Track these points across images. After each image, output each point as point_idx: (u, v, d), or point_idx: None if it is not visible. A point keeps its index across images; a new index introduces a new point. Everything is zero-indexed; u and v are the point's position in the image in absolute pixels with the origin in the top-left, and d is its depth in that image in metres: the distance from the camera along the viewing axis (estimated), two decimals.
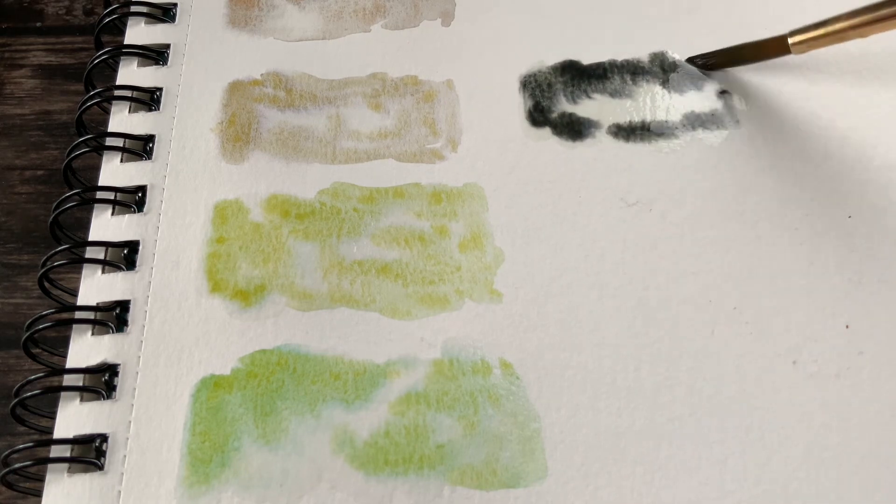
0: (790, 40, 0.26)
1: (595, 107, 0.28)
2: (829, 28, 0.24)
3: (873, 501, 0.22)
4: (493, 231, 0.26)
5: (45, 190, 0.32)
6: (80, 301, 0.25)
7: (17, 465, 0.23)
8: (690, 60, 0.29)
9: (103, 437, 0.23)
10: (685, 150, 0.27)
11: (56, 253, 0.25)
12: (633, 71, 0.29)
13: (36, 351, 0.25)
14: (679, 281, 0.25)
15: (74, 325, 0.25)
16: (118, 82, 0.29)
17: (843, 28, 0.24)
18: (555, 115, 0.28)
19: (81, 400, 0.24)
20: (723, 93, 0.28)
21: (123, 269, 0.25)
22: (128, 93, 0.29)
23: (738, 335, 0.24)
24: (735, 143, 0.27)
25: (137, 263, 0.26)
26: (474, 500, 0.22)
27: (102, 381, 0.24)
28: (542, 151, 0.27)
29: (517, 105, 0.28)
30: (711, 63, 0.28)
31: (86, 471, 0.23)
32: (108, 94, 0.28)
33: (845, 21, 0.24)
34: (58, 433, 0.23)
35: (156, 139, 0.28)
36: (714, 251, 0.26)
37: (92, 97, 0.28)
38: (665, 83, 0.29)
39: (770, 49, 0.27)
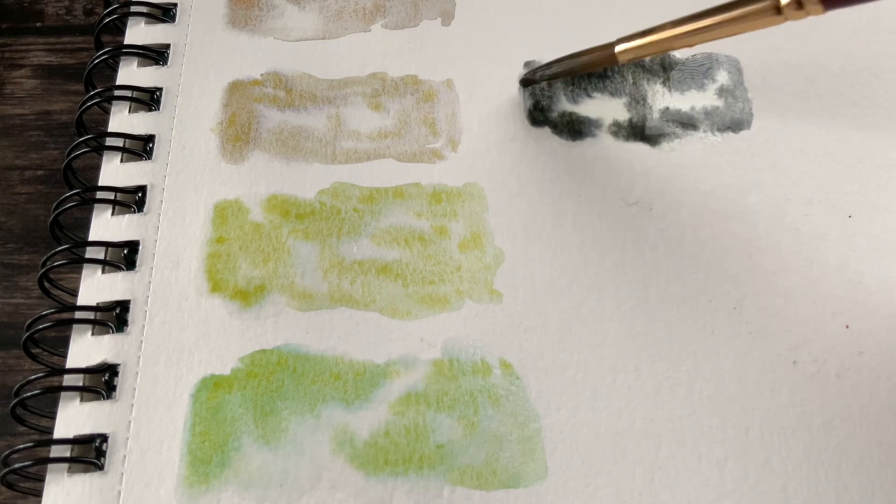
0: (617, 49, 0.25)
1: (595, 106, 0.28)
2: (655, 37, 0.24)
3: (873, 501, 0.22)
4: (493, 231, 0.26)
5: (45, 190, 0.32)
6: (80, 301, 0.25)
7: (17, 465, 0.23)
8: (524, 82, 0.28)
9: (103, 437, 0.23)
10: (685, 149, 0.27)
11: (56, 253, 0.25)
12: (633, 69, 0.29)
13: (36, 351, 0.25)
14: (679, 281, 0.25)
15: (74, 325, 0.25)
16: (118, 82, 0.29)
17: (668, 37, 0.23)
18: (555, 114, 0.28)
19: (81, 400, 0.24)
20: (723, 92, 0.28)
21: (123, 269, 0.26)
22: (128, 93, 0.29)
23: (738, 335, 0.24)
24: (735, 143, 0.27)
25: (137, 263, 0.26)
26: (474, 500, 0.22)
27: (102, 381, 0.24)
28: (542, 151, 0.27)
29: (517, 105, 0.28)
30: (543, 76, 0.28)
31: (86, 471, 0.23)
32: (108, 94, 0.28)
33: (670, 30, 0.23)
34: (58, 433, 0.23)
35: (156, 139, 0.28)
36: (714, 251, 0.26)
37: (92, 97, 0.28)
38: (666, 81, 0.29)
39: (598, 60, 0.26)
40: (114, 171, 0.27)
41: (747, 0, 0.21)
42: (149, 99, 0.29)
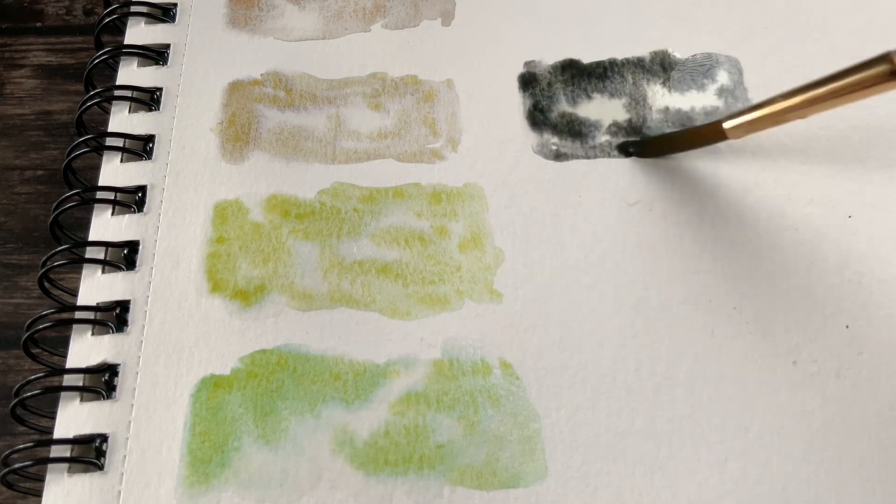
0: (725, 125, 0.24)
1: (595, 106, 0.28)
2: (766, 111, 0.23)
3: (873, 501, 0.22)
4: (493, 231, 0.26)
5: (45, 190, 0.32)
6: (80, 301, 0.25)
7: (17, 465, 0.23)
8: (621, 148, 0.27)
9: (103, 437, 0.23)
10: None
11: (56, 253, 0.25)
12: (633, 70, 0.29)
13: (36, 351, 0.25)
14: (679, 281, 0.25)
15: (74, 325, 0.25)
16: (118, 82, 0.29)
17: (781, 110, 0.22)
18: (554, 114, 0.28)
19: (81, 400, 0.24)
20: (723, 92, 0.28)
21: (123, 269, 0.26)
22: (128, 93, 0.29)
23: (738, 335, 0.24)
24: (735, 143, 0.27)
25: (137, 263, 0.26)
26: (474, 500, 0.22)
27: (102, 381, 0.24)
28: (541, 151, 0.27)
29: (517, 105, 0.28)
30: (642, 151, 0.27)
31: (86, 471, 0.23)
32: (108, 94, 0.28)
33: (781, 102, 0.22)
34: (58, 433, 0.23)
35: (156, 139, 0.28)
36: (714, 251, 0.25)
37: (92, 97, 0.28)
38: (666, 82, 0.29)
39: (706, 135, 0.25)
40: (114, 171, 0.27)
41: (860, 67, 0.20)
42: (149, 99, 0.29)
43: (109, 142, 0.28)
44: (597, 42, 0.30)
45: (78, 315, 0.25)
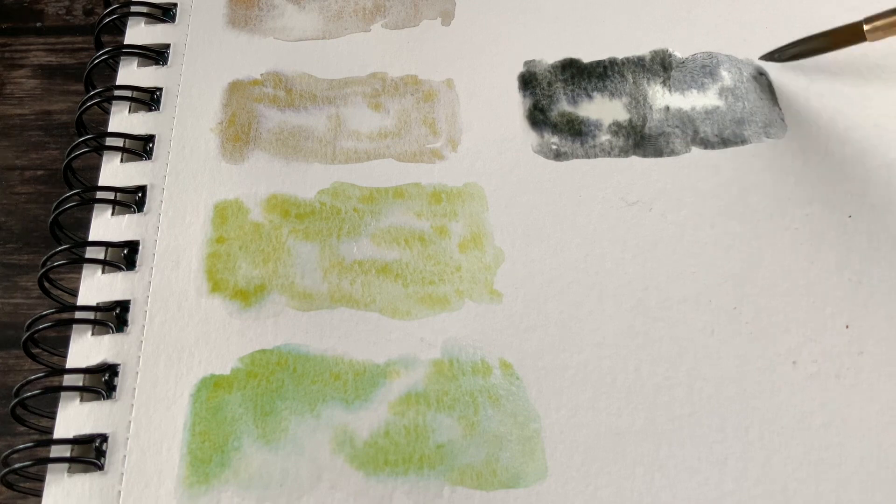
0: (865, 27, 0.25)
1: (595, 106, 0.28)
2: None
3: (873, 501, 0.22)
4: (493, 231, 0.26)
5: (45, 190, 0.32)
6: (80, 301, 0.25)
7: (17, 465, 0.23)
8: (767, 57, 0.29)
9: (103, 437, 0.23)
10: (685, 149, 0.27)
11: (56, 253, 0.25)
12: (633, 69, 0.29)
13: (36, 351, 0.25)
14: (679, 281, 0.25)
15: (74, 325, 0.25)
16: (118, 82, 0.29)
17: None
18: (554, 114, 0.28)
19: (81, 400, 0.24)
20: (724, 92, 0.28)
21: (123, 269, 0.26)
22: (128, 93, 0.29)
23: (738, 335, 0.24)
24: (736, 142, 0.27)
25: (137, 263, 0.26)
26: (474, 500, 0.22)
27: (102, 381, 0.24)
28: (541, 151, 0.27)
29: (517, 105, 0.28)
30: (787, 55, 0.28)
31: (86, 471, 0.23)
32: (108, 94, 0.28)
33: None
34: (58, 433, 0.23)
35: (156, 139, 0.28)
36: (714, 251, 0.25)
37: (92, 97, 0.28)
38: (666, 81, 0.29)
39: (844, 37, 0.26)
40: (114, 171, 0.27)
41: None
42: (149, 99, 0.29)
43: (109, 142, 0.28)
44: (597, 42, 0.30)
45: (78, 315, 0.25)
